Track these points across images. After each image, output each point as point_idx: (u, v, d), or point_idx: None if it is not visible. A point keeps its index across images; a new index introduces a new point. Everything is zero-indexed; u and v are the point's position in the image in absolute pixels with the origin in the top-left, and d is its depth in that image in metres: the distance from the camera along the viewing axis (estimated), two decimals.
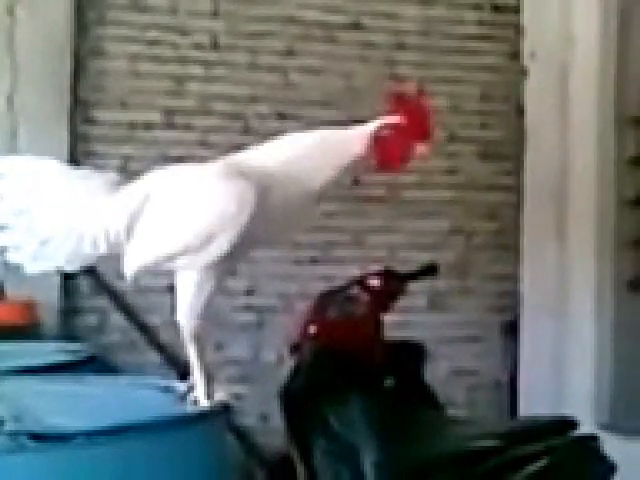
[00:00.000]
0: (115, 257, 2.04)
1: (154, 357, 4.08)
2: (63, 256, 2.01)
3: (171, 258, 1.97)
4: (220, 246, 1.93)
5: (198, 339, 1.98)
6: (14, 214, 2.01)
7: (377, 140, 2.02)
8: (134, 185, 2.04)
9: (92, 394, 2.13)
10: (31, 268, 2.02)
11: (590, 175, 4.37)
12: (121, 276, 2.05)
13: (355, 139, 2.02)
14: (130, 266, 2.01)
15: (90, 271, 4.06)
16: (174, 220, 1.97)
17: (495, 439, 2.83)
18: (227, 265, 1.99)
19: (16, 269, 2.06)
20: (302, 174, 1.98)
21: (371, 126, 2.04)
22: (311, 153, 2.00)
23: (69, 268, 2.05)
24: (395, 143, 2.02)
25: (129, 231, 1.99)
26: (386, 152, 2.02)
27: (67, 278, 4.06)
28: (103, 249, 1.99)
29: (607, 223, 4.34)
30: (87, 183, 2.05)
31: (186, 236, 1.95)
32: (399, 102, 2.06)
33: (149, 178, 2.05)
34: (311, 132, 2.05)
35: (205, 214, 1.94)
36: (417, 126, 2.04)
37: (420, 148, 2.03)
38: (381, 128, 2.03)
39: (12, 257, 2.02)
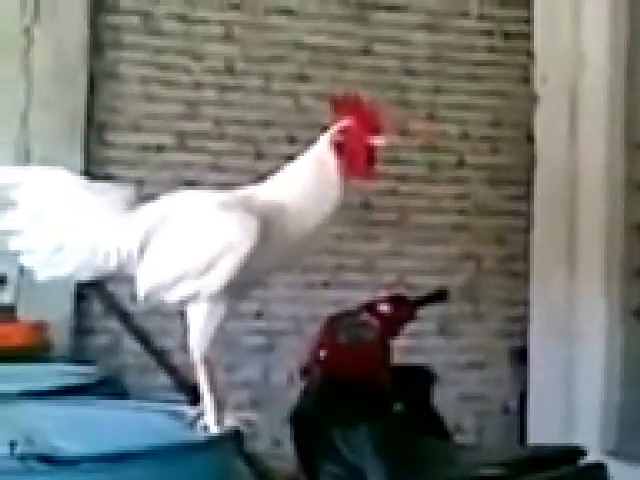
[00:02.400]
0: (127, 278, 2.06)
1: (166, 380, 4.09)
2: (75, 264, 2.03)
3: (174, 283, 1.99)
4: (221, 275, 1.95)
5: (209, 365, 2.00)
6: (30, 220, 2.04)
7: (338, 149, 2.04)
8: (151, 205, 2.07)
9: (102, 418, 2.14)
10: (43, 274, 2.04)
11: (599, 201, 4.37)
12: (134, 298, 2.07)
13: (328, 155, 2.04)
14: (141, 287, 2.04)
15: (101, 292, 4.08)
16: (180, 245, 2.00)
17: (503, 467, 2.82)
18: (236, 293, 2.01)
19: (29, 289, 2.08)
20: (308, 205, 2.01)
21: (325, 137, 2.06)
22: (310, 184, 2.03)
23: (79, 277, 2.07)
24: (354, 146, 2.03)
25: (141, 251, 2.01)
26: (349, 158, 2.03)
27: (79, 299, 4.08)
28: (114, 264, 2.02)
29: (616, 249, 4.34)
30: (105, 196, 2.08)
31: (187, 262, 1.98)
32: (343, 107, 2.08)
33: (167, 200, 2.08)
34: (301, 162, 2.07)
35: (207, 242, 1.97)
36: (368, 122, 2.04)
37: (378, 141, 2.03)
38: (335, 135, 2.05)
39: (26, 261, 2.04)
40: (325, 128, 2.10)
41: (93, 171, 4.12)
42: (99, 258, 2.02)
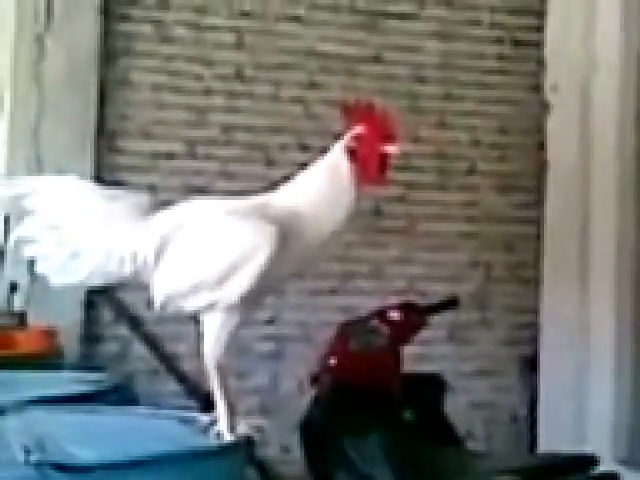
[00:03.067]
0: (141, 285, 2.06)
1: (176, 386, 4.10)
2: (89, 270, 2.04)
3: (191, 291, 1.99)
4: (240, 284, 1.95)
5: (222, 373, 2.00)
6: (45, 228, 2.05)
7: (351, 156, 2.05)
8: (168, 212, 2.07)
9: (114, 425, 2.14)
10: (56, 280, 2.05)
11: (611, 208, 4.36)
12: (147, 305, 2.07)
13: (341, 162, 2.05)
14: (158, 295, 2.04)
15: (111, 299, 4.08)
16: (197, 253, 2.00)
17: (515, 475, 2.82)
18: (252, 302, 2.02)
19: (40, 296, 2.09)
20: (322, 211, 2.02)
21: (339, 144, 2.07)
22: (323, 191, 2.03)
23: (93, 283, 2.08)
24: (367, 153, 2.05)
25: (157, 257, 2.02)
26: (362, 164, 2.04)
27: (89, 306, 4.09)
28: (128, 270, 2.02)
29: (627, 256, 4.33)
30: (119, 203, 2.09)
31: (205, 271, 1.98)
32: (355, 114, 2.09)
33: (182, 208, 2.08)
34: (315, 169, 2.07)
35: (225, 251, 1.97)
36: (381, 129, 2.06)
37: (391, 149, 2.04)
38: (349, 142, 2.06)
39: (40, 268, 2.06)
40: (336, 135, 2.10)
41: (104, 178, 4.13)
42: (114, 264, 2.03)
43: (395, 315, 3.18)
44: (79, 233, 2.04)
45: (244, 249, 1.96)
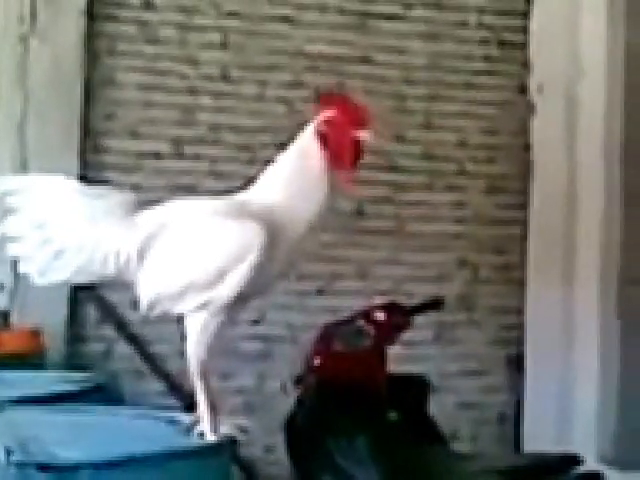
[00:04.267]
0: (125, 284, 2.06)
1: (160, 386, 4.09)
2: (73, 269, 2.03)
3: (181, 293, 1.98)
4: (232, 285, 1.95)
5: (205, 373, 1.99)
6: (29, 227, 2.04)
7: (322, 141, 2.04)
8: (152, 211, 2.07)
9: (97, 425, 2.14)
10: (40, 280, 2.05)
11: (596, 209, 4.38)
12: (132, 306, 2.07)
13: (312, 147, 2.04)
14: (144, 296, 2.03)
15: (97, 299, 4.07)
16: (185, 254, 1.99)
17: (499, 475, 2.82)
18: (239, 304, 2.01)
19: (24, 296, 2.08)
20: (296, 203, 2.01)
21: (309, 128, 2.07)
22: (296, 181, 2.03)
23: (77, 281, 2.08)
24: (338, 138, 2.04)
25: (140, 257, 2.01)
26: (334, 150, 2.04)
27: (74, 306, 4.08)
28: (112, 270, 2.02)
29: (612, 257, 4.34)
30: (103, 201, 2.08)
31: (195, 273, 1.97)
32: (330, 101, 2.10)
33: (167, 207, 2.08)
34: (285, 159, 2.07)
35: (215, 252, 1.97)
36: (352, 115, 2.05)
37: (363, 135, 2.03)
38: (319, 125, 2.05)
39: (23, 267, 2.05)
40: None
41: (89, 177, 4.12)
42: (97, 263, 2.02)
43: (380, 315, 3.18)
44: (63, 232, 2.04)
45: (234, 249, 1.95)
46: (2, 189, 2.09)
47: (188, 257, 1.99)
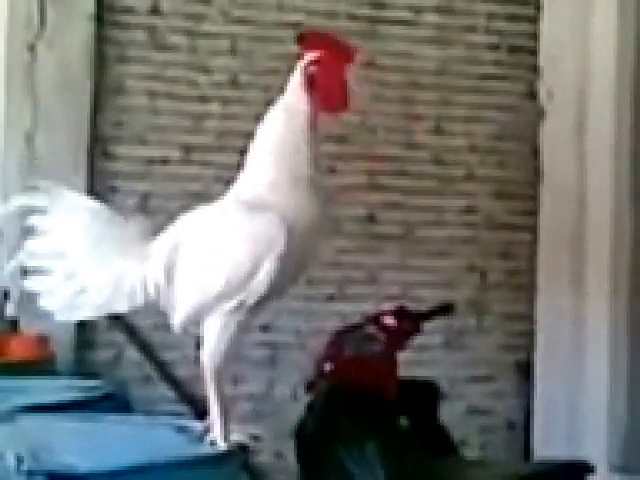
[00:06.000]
0: (154, 310, 2.03)
1: (170, 392, 4.08)
2: (95, 307, 1.99)
3: (213, 304, 1.95)
4: (263, 279, 1.92)
5: (219, 379, 1.98)
6: (50, 257, 1.99)
7: (312, 85, 1.99)
8: (166, 233, 2.04)
9: (107, 433, 2.13)
10: (62, 316, 2.00)
11: (606, 215, 4.37)
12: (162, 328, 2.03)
13: (297, 98, 2.00)
14: (177, 319, 2.00)
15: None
16: (211, 264, 1.96)
17: None
18: (260, 307, 1.99)
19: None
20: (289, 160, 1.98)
21: (297, 72, 2.03)
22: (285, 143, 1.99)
23: (100, 316, 2.04)
24: (328, 78, 1.99)
25: (168, 280, 1.98)
26: (324, 91, 1.99)
27: None
28: (140, 301, 1.99)
29: (622, 263, 4.33)
30: (123, 230, 2.04)
31: (223, 278, 1.93)
32: (313, 41, 2.04)
33: (180, 223, 2.05)
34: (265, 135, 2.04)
35: (241, 252, 1.93)
36: (340, 52, 2.00)
37: (352, 74, 1.99)
38: (307, 67, 2.01)
39: (44, 303, 2.00)
40: (329, 138, 2.07)
41: (98, 184, 4.12)
42: (124, 296, 1.98)
43: (390, 321, 3.17)
44: (85, 265, 1.98)
45: (261, 245, 1.91)
46: (21, 204, 2.04)
47: (215, 265, 1.95)
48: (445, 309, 3.44)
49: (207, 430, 2.01)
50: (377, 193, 4.42)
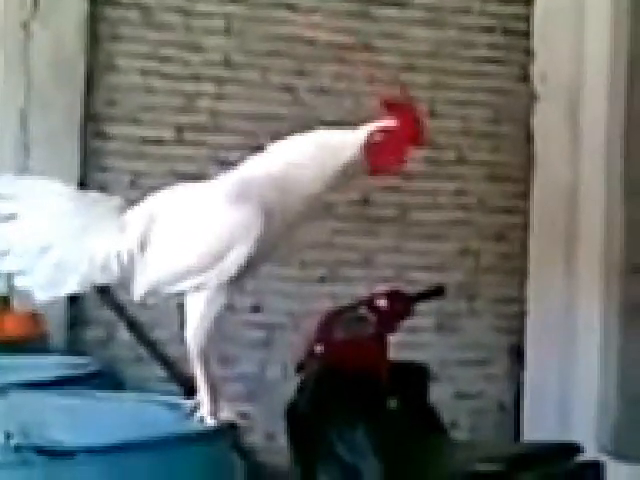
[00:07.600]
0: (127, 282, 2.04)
1: (161, 371, 4.09)
2: (75, 281, 1.99)
3: (176, 279, 1.98)
4: (230, 266, 1.94)
5: (205, 357, 1.99)
6: (21, 239, 1.99)
7: (370, 144, 2.03)
8: (139, 207, 2.05)
9: (97, 410, 2.14)
10: (42, 294, 2.00)
11: (598, 198, 4.37)
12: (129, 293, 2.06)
13: (349, 143, 2.04)
14: (139, 287, 2.02)
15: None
16: (181, 241, 1.98)
17: (499, 463, 2.82)
18: (236, 283, 2.01)
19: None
20: (299, 183, 2.00)
21: (365, 131, 2.06)
22: (306, 160, 2.03)
23: (79, 291, 2.04)
24: (388, 147, 2.03)
25: (141, 251, 1.99)
26: (379, 156, 2.03)
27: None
28: (116, 272, 1.99)
29: (614, 246, 4.34)
30: (97, 208, 2.04)
31: (192, 258, 1.96)
32: (390, 107, 2.07)
33: (153, 199, 2.07)
34: (306, 137, 2.07)
35: (212, 237, 1.96)
36: (409, 130, 2.04)
37: (412, 152, 2.03)
38: (375, 133, 2.04)
39: (21, 282, 2.00)
40: (324, 122, 2.08)
41: (91, 163, 4.12)
42: (99, 269, 1.99)
43: (382, 303, 3.17)
44: (60, 242, 1.98)
45: (230, 234, 1.94)
46: None
47: (189, 240, 1.98)
48: (437, 292, 3.44)
49: (196, 407, 2.02)
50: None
